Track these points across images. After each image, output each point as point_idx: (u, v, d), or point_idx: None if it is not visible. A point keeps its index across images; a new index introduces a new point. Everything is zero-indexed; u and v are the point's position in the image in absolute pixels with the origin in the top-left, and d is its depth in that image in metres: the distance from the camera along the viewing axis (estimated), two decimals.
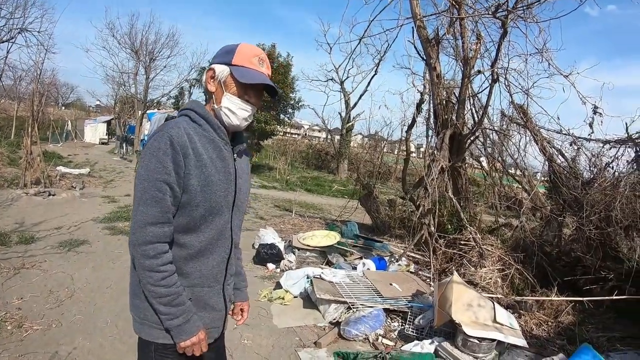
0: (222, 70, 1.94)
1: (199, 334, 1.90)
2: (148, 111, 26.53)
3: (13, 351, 3.86)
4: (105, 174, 16.75)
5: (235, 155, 2.07)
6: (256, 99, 2.00)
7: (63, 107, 57.99)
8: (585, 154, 7.61)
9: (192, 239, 1.91)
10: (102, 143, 33.74)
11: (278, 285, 6.16)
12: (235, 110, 1.95)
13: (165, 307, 1.82)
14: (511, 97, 8.25)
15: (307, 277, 5.95)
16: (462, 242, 7.30)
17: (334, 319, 5.22)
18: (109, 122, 36.80)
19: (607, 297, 5.71)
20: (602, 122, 7.22)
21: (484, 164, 10.55)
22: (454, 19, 8.44)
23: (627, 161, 6.86)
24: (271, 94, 2.12)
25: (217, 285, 2.05)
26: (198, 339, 1.90)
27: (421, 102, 9.59)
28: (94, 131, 34.83)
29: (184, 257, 1.91)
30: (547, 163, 7.78)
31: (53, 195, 10.74)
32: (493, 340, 4.33)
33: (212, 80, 1.98)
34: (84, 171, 15.77)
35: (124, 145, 27.05)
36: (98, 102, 49.11)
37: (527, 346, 4.56)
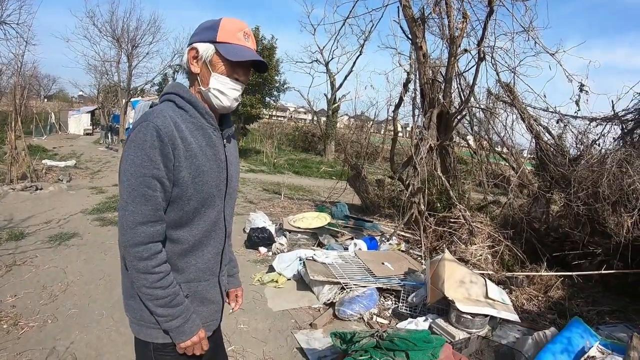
0: (206, 49, 1.80)
1: (199, 333, 1.85)
2: (132, 99, 26.37)
3: (10, 350, 3.84)
4: (91, 165, 16.62)
5: (224, 140, 1.96)
6: (245, 77, 1.88)
7: (45, 100, 57.32)
8: (572, 132, 7.69)
9: (185, 233, 1.82)
10: (87, 134, 33.48)
11: (271, 269, 6.17)
12: (226, 91, 1.83)
13: (163, 309, 1.75)
14: (498, 75, 8.27)
15: (300, 260, 5.97)
16: (451, 220, 7.35)
17: (328, 300, 5.25)
18: (92, 112, 36.48)
19: (595, 272, 5.81)
20: (588, 100, 7.31)
21: (471, 142, 10.59)
22: None
23: (614, 138, 6.97)
24: (260, 69, 1.95)
25: (213, 278, 1.98)
26: (198, 338, 1.85)
27: (408, 81, 9.59)
28: (78, 122, 34.52)
29: (177, 252, 1.83)
30: (534, 141, 7.82)
31: (40, 189, 10.63)
32: (486, 315, 4.37)
33: (195, 60, 1.83)
34: (70, 163, 15.64)
35: (109, 134, 26.83)
36: (81, 93, 48.64)
37: (519, 321, 4.63)
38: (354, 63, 25.19)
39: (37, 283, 5.28)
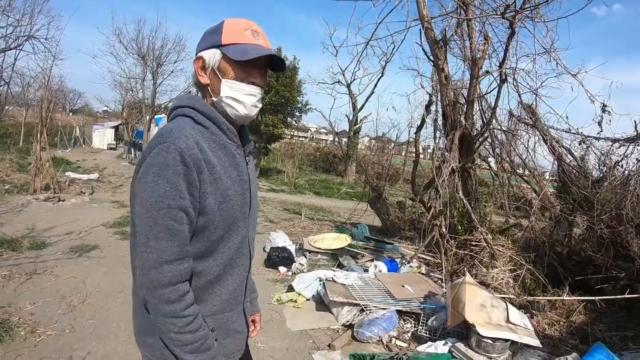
0: (212, 55, 1.62)
1: None
2: (156, 116, 26.63)
3: (27, 357, 3.89)
4: (114, 179, 16.83)
5: (247, 158, 1.80)
6: (261, 79, 1.69)
7: (71, 113, 58.10)
8: (595, 153, 7.61)
9: (210, 263, 1.64)
10: (110, 148, 33.86)
11: (290, 288, 6.18)
12: (241, 98, 1.64)
13: (193, 355, 1.53)
14: (520, 97, 8.24)
15: (320, 280, 5.98)
16: (473, 243, 7.29)
17: (347, 321, 5.23)
18: (116, 128, 36.93)
19: (618, 296, 5.71)
20: (611, 120, 7.20)
21: (493, 164, 10.54)
22: (462, 20, 8.45)
23: (637, 159, 6.85)
24: (276, 68, 1.76)
25: (238, 307, 1.81)
26: None
27: (430, 103, 9.60)
28: (102, 137, 34.96)
29: (201, 285, 1.64)
30: (556, 162, 7.76)
31: (63, 200, 10.80)
32: (507, 340, 4.34)
33: (202, 71, 1.66)
34: (93, 176, 15.87)
35: (132, 150, 27.13)
36: (106, 108, 49.24)
37: (541, 346, 4.57)
38: (376, 84, 25.25)
39: (57, 292, 5.36)
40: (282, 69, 1.78)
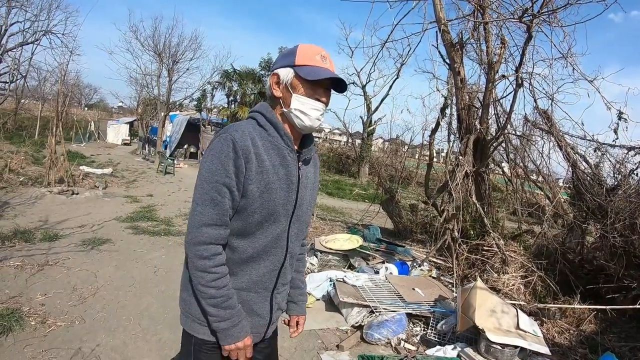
0: (286, 73, 1.89)
1: (245, 339, 1.88)
2: (170, 113, 26.78)
3: (37, 346, 3.94)
4: (127, 174, 16.92)
5: (300, 163, 2.00)
6: (326, 97, 1.95)
7: (86, 108, 58.66)
8: (610, 161, 7.54)
9: (246, 243, 1.89)
10: (125, 144, 34.05)
11: None
12: (307, 111, 1.89)
13: (214, 309, 1.80)
14: (535, 102, 8.18)
15: (330, 280, 5.98)
16: (484, 248, 7.26)
17: (357, 323, 5.24)
18: (131, 124, 37.12)
19: (630, 307, 5.65)
20: (627, 128, 7.15)
21: (506, 169, 10.48)
22: (478, 23, 8.41)
23: None
24: (339, 89, 2.02)
25: (264, 292, 2.01)
26: (244, 344, 1.88)
27: (445, 106, 9.56)
28: (117, 132, 35.17)
29: (235, 260, 1.90)
30: (570, 169, 7.70)
31: (76, 194, 10.89)
32: (516, 347, 4.32)
33: (277, 85, 1.93)
34: (107, 171, 15.96)
35: (147, 146, 27.26)
36: (121, 104, 49.61)
37: (550, 354, 4.55)
38: (391, 86, 25.19)
39: (68, 284, 5.42)
40: (343, 90, 2.01)
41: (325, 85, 1.93)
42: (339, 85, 1.97)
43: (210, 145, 1.81)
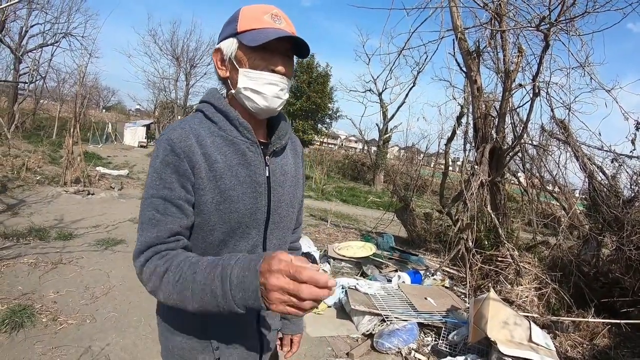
0: (229, 45, 1.48)
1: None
2: (187, 117, 26.96)
3: (47, 343, 3.98)
4: (143, 177, 16.95)
5: (267, 157, 1.60)
6: (285, 66, 1.49)
7: (104, 110, 59.26)
8: (627, 172, 7.46)
9: None
10: (141, 146, 34.21)
11: None
12: (260, 88, 1.47)
13: (208, 284, 1.21)
14: (552, 111, 8.13)
15: (342, 288, 5.95)
16: (498, 259, 7.20)
17: (368, 331, 5.22)
18: (148, 126, 37.35)
19: None
20: None
21: (522, 179, 10.41)
22: (496, 31, 8.37)
23: None
24: (300, 53, 1.53)
25: (246, 317, 1.46)
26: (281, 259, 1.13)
27: (461, 115, 9.53)
28: (134, 134, 35.36)
29: None
30: (587, 180, 7.63)
31: (92, 194, 10.97)
32: None
33: (221, 64, 1.53)
34: (123, 172, 16.04)
35: None
36: (138, 107, 50.00)
37: None
38: (407, 94, 25.06)
39: (80, 283, 5.47)
40: (306, 55, 1.52)
41: (282, 51, 1.49)
42: (300, 48, 1.50)
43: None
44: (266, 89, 1.47)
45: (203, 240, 1.49)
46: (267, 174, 1.58)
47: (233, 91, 1.52)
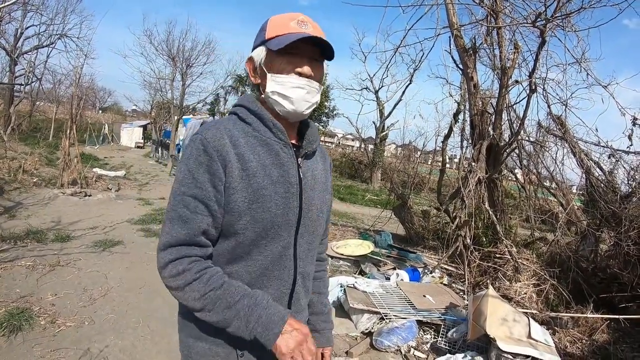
0: (259, 53, 1.53)
1: (290, 319, 1.42)
2: (184, 117, 27.00)
3: (46, 346, 3.97)
4: (140, 177, 17.02)
5: (300, 159, 1.61)
6: (311, 68, 1.51)
7: (100, 111, 59.16)
8: (624, 167, 7.47)
9: (240, 268, 1.50)
10: (138, 147, 34.34)
11: None
12: (287, 92, 1.48)
13: (229, 310, 1.37)
14: (549, 108, 8.12)
15: (341, 286, 5.94)
16: (497, 256, 7.20)
17: (366, 329, 5.21)
18: (145, 127, 37.44)
19: None
20: None
21: (519, 176, 10.41)
22: (492, 28, 8.37)
23: None
24: (326, 55, 1.57)
25: None
26: (292, 327, 1.40)
27: (458, 112, 9.53)
28: (130, 135, 35.48)
29: None
30: (584, 176, 7.63)
31: (89, 195, 10.96)
32: (527, 356, 4.26)
33: (254, 71, 1.58)
34: (120, 173, 16.06)
35: (160, 149, 27.45)
36: (135, 107, 49.95)
37: None
38: (404, 92, 24.98)
39: (78, 285, 5.46)
40: (331, 57, 1.58)
41: (309, 54, 1.51)
42: (326, 49, 1.53)
43: (184, 151, 1.51)
44: (293, 92, 1.49)
45: (235, 240, 1.48)
46: (300, 176, 1.59)
47: (263, 96, 1.56)
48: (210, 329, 1.50)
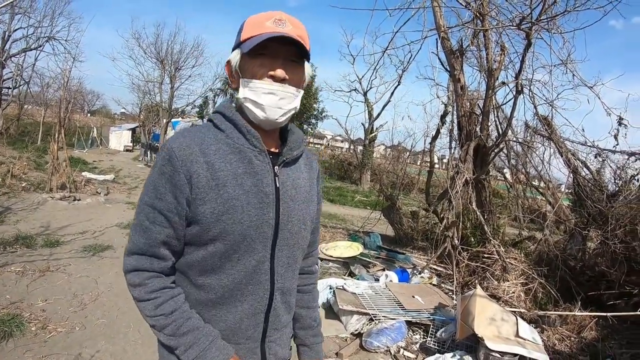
0: (235, 56, 1.44)
1: None
2: (173, 120, 26.94)
3: (37, 352, 3.96)
4: (129, 181, 16.95)
5: (277, 167, 1.51)
6: (286, 70, 1.39)
7: (89, 114, 58.88)
8: (610, 167, 7.57)
9: (213, 281, 1.45)
10: (127, 150, 34.14)
11: None
12: (259, 99, 1.39)
13: (174, 339, 1.40)
14: (535, 108, 8.19)
15: (330, 288, 5.96)
16: (485, 256, 7.25)
17: (356, 330, 5.23)
18: (133, 130, 37.25)
19: (631, 313, 5.64)
20: (627, 134, 7.17)
21: (508, 176, 10.48)
22: (478, 30, 8.42)
23: None
24: (303, 55, 1.45)
25: (249, 343, 1.53)
26: None
27: (445, 113, 9.57)
28: (119, 138, 35.30)
29: (203, 301, 1.47)
30: (571, 175, 7.70)
31: (78, 200, 10.89)
32: (515, 355, 4.31)
33: (231, 75, 1.49)
34: (109, 177, 16.02)
35: (149, 152, 27.33)
36: (123, 110, 49.81)
37: None
38: (392, 93, 25.02)
39: (68, 290, 5.44)
40: (307, 55, 1.47)
41: (284, 56, 1.40)
42: (301, 48, 1.41)
43: None
44: (264, 99, 1.39)
45: (205, 251, 1.41)
46: (277, 185, 1.49)
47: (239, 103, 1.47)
48: None
